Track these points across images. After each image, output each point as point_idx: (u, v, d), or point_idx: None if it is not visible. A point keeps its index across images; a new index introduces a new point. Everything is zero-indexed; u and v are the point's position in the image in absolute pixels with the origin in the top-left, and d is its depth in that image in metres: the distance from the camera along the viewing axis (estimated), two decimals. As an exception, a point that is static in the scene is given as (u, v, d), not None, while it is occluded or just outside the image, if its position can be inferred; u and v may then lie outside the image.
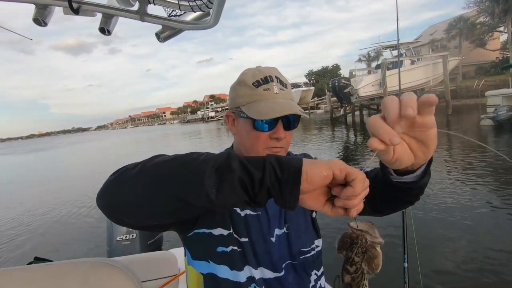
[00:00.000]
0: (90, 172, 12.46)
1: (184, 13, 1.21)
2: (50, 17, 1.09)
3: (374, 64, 31.59)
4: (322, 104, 40.49)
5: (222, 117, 1.06)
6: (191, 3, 1.15)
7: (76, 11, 1.06)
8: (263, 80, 0.74)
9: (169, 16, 1.21)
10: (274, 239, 0.73)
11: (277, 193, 0.44)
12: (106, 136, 68.43)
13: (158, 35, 1.28)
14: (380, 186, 0.63)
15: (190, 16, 1.22)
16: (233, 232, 0.71)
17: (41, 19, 1.06)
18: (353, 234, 0.46)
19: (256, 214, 0.74)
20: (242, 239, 0.71)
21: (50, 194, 8.98)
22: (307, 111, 36.57)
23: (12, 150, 50.64)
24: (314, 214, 0.83)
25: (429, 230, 3.70)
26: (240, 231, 0.71)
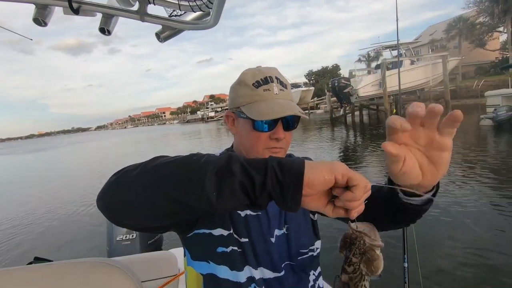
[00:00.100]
0: (90, 172, 12.45)
1: (184, 13, 1.21)
2: (50, 17, 1.08)
3: (374, 64, 31.65)
4: (322, 104, 40.49)
5: (222, 117, 1.06)
6: (191, 3, 1.15)
7: (76, 11, 1.06)
8: (263, 80, 0.74)
9: (169, 16, 1.21)
10: (273, 240, 0.73)
11: (278, 197, 0.44)
12: (105, 136, 68.41)
13: (158, 35, 1.28)
14: (379, 201, 0.63)
15: (190, 16, 1.22)
16: (233, 232, 0.71)
17: (41, 19, 1.06)
18: (353, 235, 0.46)
19: (256, 214, 0.74)
20: (242, 240, 0.70)
21: (50, 194, 8.98)
22: (307, 111, 36.55)
23: (12, 150, 50.59)
24: (315, 217, 0.83)
25: (429, 230, 3.71)
26: (240, 232, 0.71)
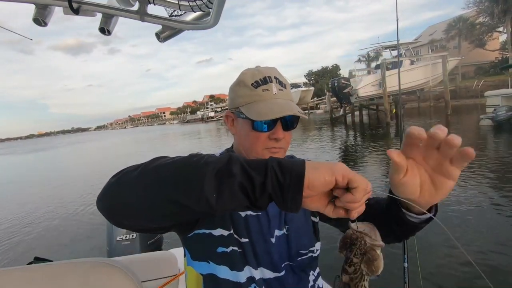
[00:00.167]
0: (90, 172, 12.45)
1: (184, 13, 1.21)
2: (50, 17, 1.08)
3: (374, 64, 31.65)
4: (322, 104, 40.47)
5: (222, 117, 1.06)
6: (191, 3, 1.15)
7: (76, 11, 1.05)
8: (262, 80, 0.74)
9: (169, 16, 1.21)
10: (274, 240, 0.73)
11: (278, 198, 0.44)
12: (105, 136, 68.40)
13: (158, 35, 1.28)
14: (378, 212, 0.64)
15: (190, 16, 1.22)
16: (233, 232, 0.70)
17: (41, 19, 1.05)
18: (353, 235, 0.46)
19: (256, 214, 0.74)
20: (243, 240, 0.70)
21: (50, 194, 8.96)
22: (307, 111, 36.54)
23: (11, 150, 50.57)
24: (317, 219, 0.82)
25: (429, 230, 3.70)
26: (240, 232, 0.71)
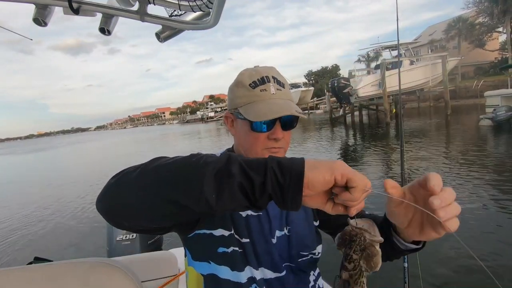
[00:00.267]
0: (90, 172, 12.45)
1: (184, 13, 1.21)
2: (50, 17, 1.08)
3: (374, 64, 31.64)
4: (322, 104, 40.48)
5: (222, 117, 1.05)
6: (191, 3, 1.14)
7: (76, 11, 1.05)
8: (260, 80, 0.73)
9: (169, 16, 1.21)
10: (274, 240, 0.73)
11: (278, 198, 0.44)
12: (105, 136, 68.41)
13: (158, 35, 1.28)
14: None
15: (190, 16, 1.22)
16: (234, 233, 0.70)
17: (41, 19, 1.05)
18: (352, 232, 0.46)
19: (257, 215, 0.74)
20: (243, 240, 0.70)
21: (50, 194, 8.96)
22: (306, 111, 36.54)
23: (11, 150, 50.54)
24: (317, 223, 0.82)
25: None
26: (241, 232, 0.71)
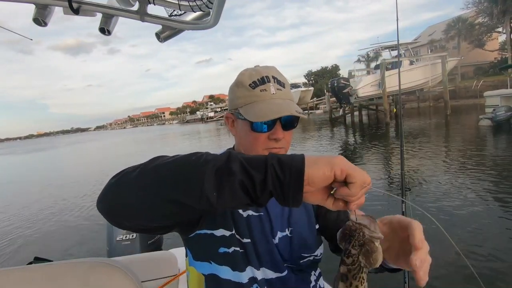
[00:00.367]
0: (90, 172, 12.44)
1: (184, 13, 1.21)
2: (50, 17, 1.08)
3: (373, 64, 31.61)
4: (321, 104, 40.45)
5: (222, 117, 1.05)
6: (191, 3, 1.14)
7: (76, 11, 1.05)
8: (260, 80, 0.73)
9: (169, 16, 1.21)
10: (276, 240, 0.73)
11: (279, 196, 0.44)
12: (105, 136, 68.44)
13: (158, 35, 1.28)
14: None
15: (190, 16, 1.22)
16: (235, 233, 0.70)
17: (41, 19, 1.05)
18: (352, 227, 0.46)
19: (258, 215, 0.73)
20: (244, 240, 0.70)
21: (50, 194, 8.96)
22: (306, 112, 36.53)
23: (11, 150, 50.51)
24: (317, 226, 0.82)
25: (428, 230, 3.71)
26: (242, 232, 0.71)
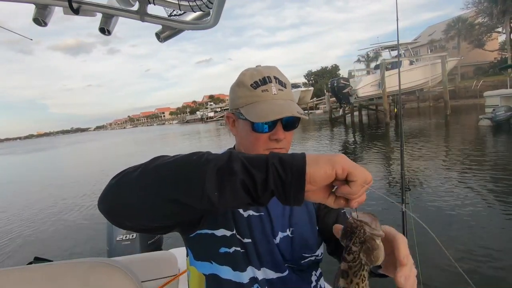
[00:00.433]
0: (90, 172, 12.45)
1: (184, 13, 1.21)
2: (50, 17, 1.08)
3: (373, 64, 31.58)
4: (321, 104, 40.45)
5: (222, 117, 1.05)
6: (191, 3, 1.14)
7: (76, 11, 1.05)
8: (261, 81, 0.73)
9: (169, 16, 1.21)
10: (277, 241, 0.73)
11: (281, 195, 0.44)
12: (105, 136, 68.48)
13: (158, 35, 1.28)
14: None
15: (190, 16, 1.21)
16: (236, 233, 0.70)
17: (41, 19, 1.05)
18: (353, 224, 0.46)
19: (259, 215, 0.73)
20: (245, 240, 0.70)
21: (50, 194, 8.95)
22: (306, 111, 36.53)
23: (11, 150, 50.50)
24: (316, 227, 0.82)
25: (428, 229, 3.71)
26: (243, 232, 0.71)
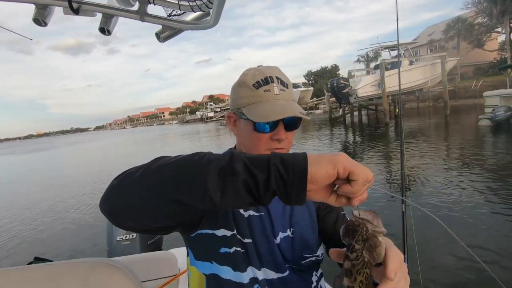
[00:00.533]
0: (90, 172, 12.44)
1: (184, 13, 1.21)
2: (50, 17, 1.08)
3: (373, 64, 31.58)
4: (321, 104, 40.45)
5: (222, 117, 1.04)
6: (191, 3, 1.14)
7: (76, 11, 1.05)
8: (263, 81, 0.73)
9: (169, 16, 1.21)
10: (277, 241, 0.73)
11: (283, 195, 0.44)
12: (105, 136, 68.49)
13: (158, 35, 1.28)
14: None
15: (190, 16, 1.21)
16: (236, 233, 0.70)
17: (41, 19, 1.05)
18: (355, 222, 0.46)
19: (259, 215, 0.73)
20: (246, 240, 0.70)
21: (50, 194, 8.95)
22: (306, 112, 36.53)
23: (11, 150, 50.48)
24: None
25: (429, 230, 3.71)
26: (243, 232, 0.70)
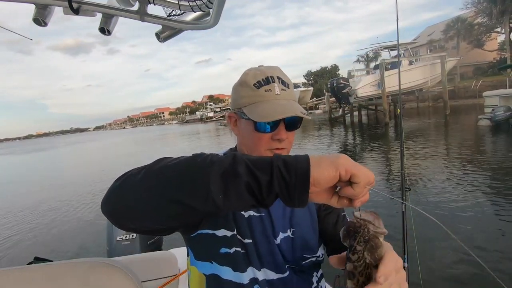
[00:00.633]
0: (90, 172, 12.44)
1: (184, 13, 1.21)
2: (50, 17, 1.08)
3: (373, 64, 31.60)
4: (321, 104, 40.47)
5: (222, 117, 1.04)
6: (191, 3, 1.14)
7: (76, 11, 1.05)
8: (264, 80, 0.73)
9: (169, 16, 1.21)
10: (277, 241, 0.73)
11: (285, 197, 0.44)
12: (105, 136, 68.52)
13: (158, 35, 1.28)
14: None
15: (190, 16, 1.22)
16: (236, 233, 0.70)
17: (41, 19, 1.05)
18: (357, 223, 0.46)
19: (259, 215, 0.73)
20: (246, 240, 0.70)
21: (50, 194, 8.95)
22: (306, 112, 36.59)
23: (11, 150, 50.47)
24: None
25: (429, 230, 3.71)
26: (243, 232, 0.71)
